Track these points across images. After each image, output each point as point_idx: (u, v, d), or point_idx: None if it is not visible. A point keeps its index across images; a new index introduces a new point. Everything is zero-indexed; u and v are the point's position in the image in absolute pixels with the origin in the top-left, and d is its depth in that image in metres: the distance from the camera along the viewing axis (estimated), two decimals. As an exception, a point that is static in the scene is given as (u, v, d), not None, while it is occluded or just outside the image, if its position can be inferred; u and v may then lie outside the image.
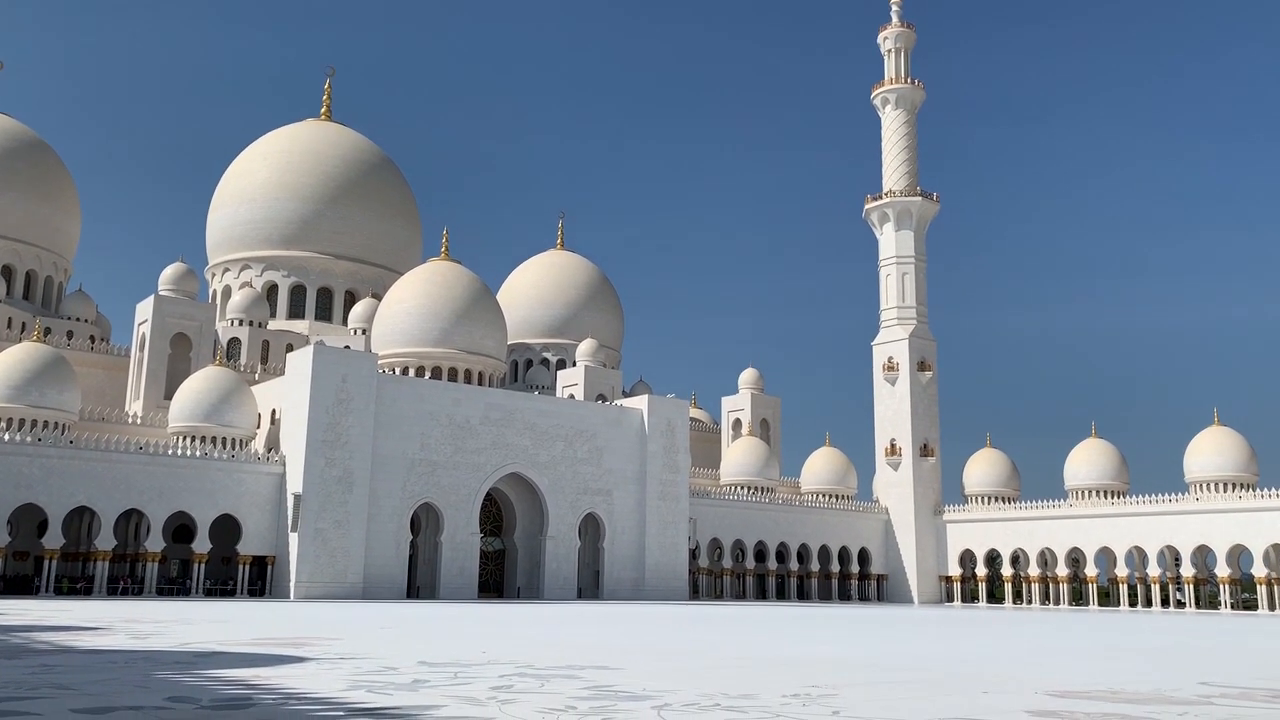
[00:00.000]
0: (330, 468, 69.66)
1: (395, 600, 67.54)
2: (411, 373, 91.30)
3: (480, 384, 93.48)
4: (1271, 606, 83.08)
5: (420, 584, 75.78)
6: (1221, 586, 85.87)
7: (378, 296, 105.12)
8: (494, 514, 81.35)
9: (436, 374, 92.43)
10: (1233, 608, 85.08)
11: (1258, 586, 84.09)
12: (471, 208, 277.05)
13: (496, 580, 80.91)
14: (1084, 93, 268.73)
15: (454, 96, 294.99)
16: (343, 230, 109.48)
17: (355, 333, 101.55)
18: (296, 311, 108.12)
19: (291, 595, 66.80)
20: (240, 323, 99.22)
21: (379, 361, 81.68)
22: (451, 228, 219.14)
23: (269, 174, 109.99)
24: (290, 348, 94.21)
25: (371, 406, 72.05)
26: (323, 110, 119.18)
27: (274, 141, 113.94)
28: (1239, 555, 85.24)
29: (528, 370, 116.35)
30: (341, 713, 11.14)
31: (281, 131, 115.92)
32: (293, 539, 68.22)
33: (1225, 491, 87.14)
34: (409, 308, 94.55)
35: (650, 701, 12.19)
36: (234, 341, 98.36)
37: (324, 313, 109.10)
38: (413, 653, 20.35)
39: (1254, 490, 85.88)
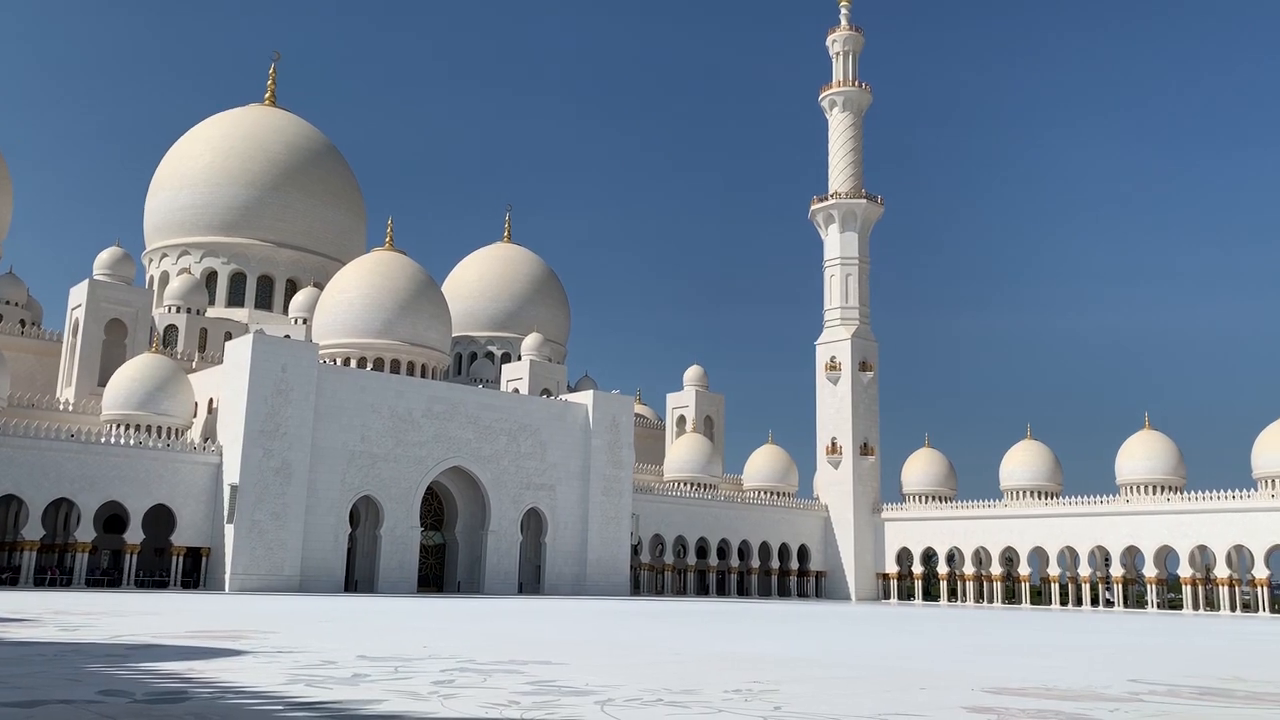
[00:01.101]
0: (268, 459, 68.59)
1: (333, 594, 66.72)
2: (353, 364, 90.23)
3: (423, 376, 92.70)
4: (1196, 606, 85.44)
5: (358, 577, 74.96)
6: (1149, 586, 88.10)
7: (320, 286, 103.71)
8: (435, 508, 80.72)
9: (379, 365, 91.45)
10: (1159, 607, 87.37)
11: (1183, 587, 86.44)
12: (418, 198, 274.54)
13: (436, 574, 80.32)
14: (1027, 99, 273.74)
15: (402, 85, 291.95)
16: (285, 218, 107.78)
17: (296, 322, 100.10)
18: (236, 299, 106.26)
19: (227, 588, 65.69)
20: (178, 309, 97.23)
21: (320, 352, 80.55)
22: (397, 218, 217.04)
23: (211, 158, 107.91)
24: (229, 336, 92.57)
25: (311, 397, 71.06)
26: (267, 95, 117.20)
27: (217, 126, 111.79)
28: (1166, 556, 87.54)
29: (472, 363, 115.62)
30: (280, 707, 10.97)
31: (224, 116, 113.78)
32: (228, 530, 67.08)
33: (1154, 494, 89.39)
34: (352, 298, 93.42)
35: (593, 697, 12.17)
36: (171, 329, 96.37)
37: (264, 301, 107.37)
38: (352, 646, 20.11)
39: (1181, 493, 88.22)
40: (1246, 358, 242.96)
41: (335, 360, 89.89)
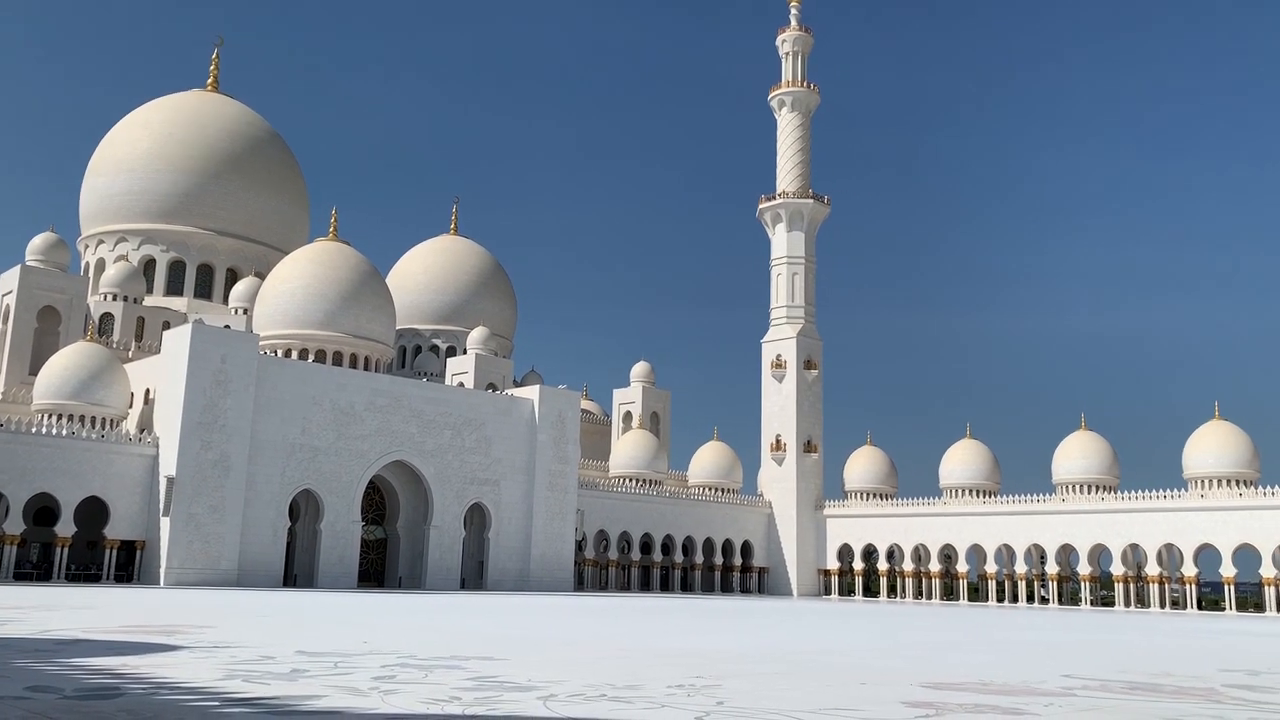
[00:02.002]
0: (206, 451, 67.38)
1: (272, 588, 65.77)
2: (295, 355, 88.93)
3: (366, 369, 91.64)
4: (1127, 603, 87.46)
5: (298, 572, 73.97)
6: (1082, 584, 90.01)
7: (261, 276, 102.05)
8: (377, 502, 79.91)
9: (321, 357, 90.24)
10: (1092, 604, 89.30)
11: (1115, 584, 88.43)
12: (363, 189, 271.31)
13: (377, 569, 79.53)
14: (971, 102, 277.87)
15: (348, 74, 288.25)
16: (226, 206, 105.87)
17: (236, 312, 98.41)
18: (175, 288, 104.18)
19: (162, 582, 64.44)
20: (114, 297, 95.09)
21: (260, 343, 79.31)
22: (341, 208, 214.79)
23: (150, 144, 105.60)
24: (167, 325, 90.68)
25: (251, 389, 69.93)
26: (209, 81, 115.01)
27: (157, 110, 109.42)
28: (1099, 554, 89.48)
29: (416, 357, 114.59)
30: (216, 703, 10.78)
31: (165, 100, 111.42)
32: (164, 523, 65.79)
33: (1089, 494, 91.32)
34: (294, 288, 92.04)
35: (536, 692, 12.14)
36: (107, 317, 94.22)
37: (204, 290, 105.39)
38: (291, 642, 19.83)
39: (1115, 493, 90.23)
40: (1180, 361, 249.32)
41: (276, 351, 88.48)
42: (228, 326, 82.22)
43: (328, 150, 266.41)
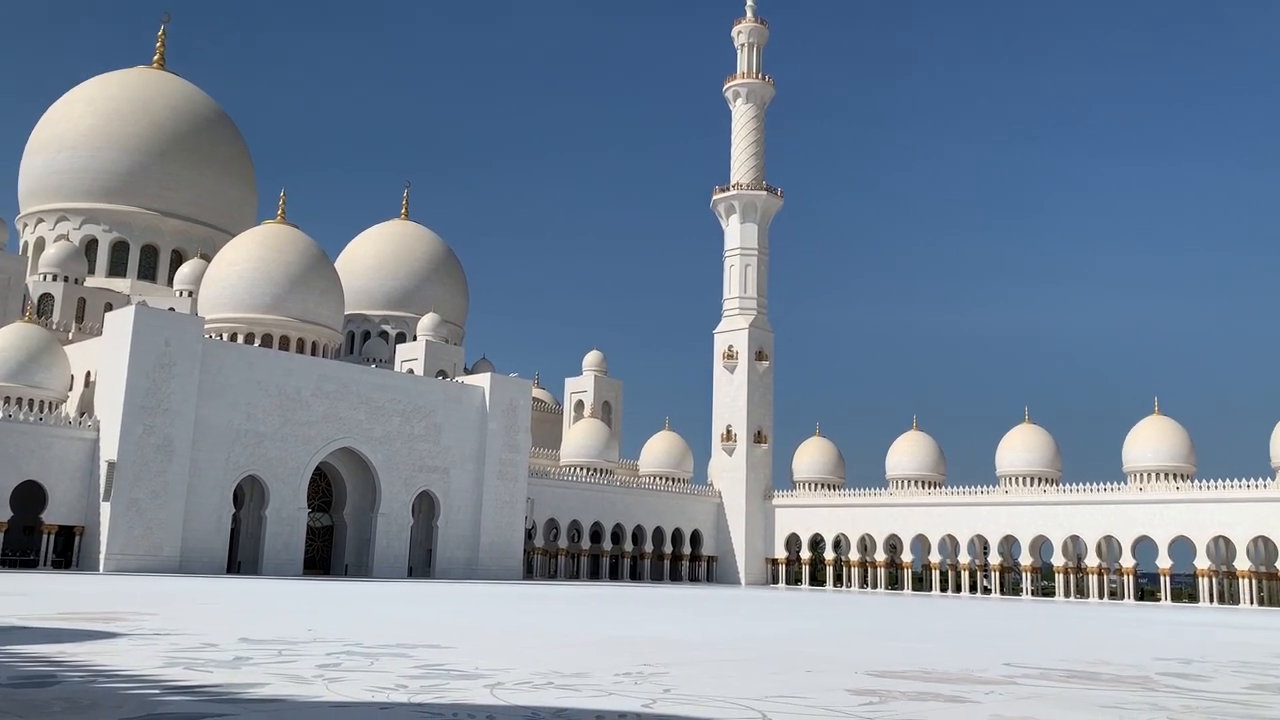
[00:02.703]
0: (149, 435, 66.17)
1: (215, 575, 64.87)
2: (240, 339, 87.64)
3: (314, 354, 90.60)
4: (1067, 594, 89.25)
5: (242, 559, 73.02)
6: (1024, 574, 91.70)
7: (207, 258, 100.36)
8: (323, 489, 79.07)
9: (267, 342, 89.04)
10: (1033, 594, 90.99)
11: (1056, 575, 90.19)
12: (312, 172, 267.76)
13: (323, 557, 78.75)
14: (924, 98, 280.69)
15: (298, 55, 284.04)
16: (171, 186, 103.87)
17: (181, 294, 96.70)
18: (118, 269, 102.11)
19: (101, 568, 63.25)
20: (54, 278, 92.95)
21: (206, 326, 78.02)
22: (290, 191, 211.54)
23: (93, 121, 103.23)
24: (110, 307, 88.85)
25: (196, 373, 68.77)
26: (155, 58, 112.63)
27: (100, 87, 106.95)
28: (1040, 545, 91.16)
29: (365, 342, 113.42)
30: (157, 690, 10.60)
31: (109, 77, 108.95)
32: (104, 509, 64.54)
33: (1032, 486, 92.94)
34: (240, 271, 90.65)
35: (483, 680, 12.10)
36: (46, 297, 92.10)
37: (148, 272, 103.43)
38: (234, 629, 19.57)
39: (1057, 485, 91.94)
40: (1121, 357, 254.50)
41: (222, 335, 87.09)
42: (172, 309, 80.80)
43: (277, 132, 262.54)
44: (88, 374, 72.16)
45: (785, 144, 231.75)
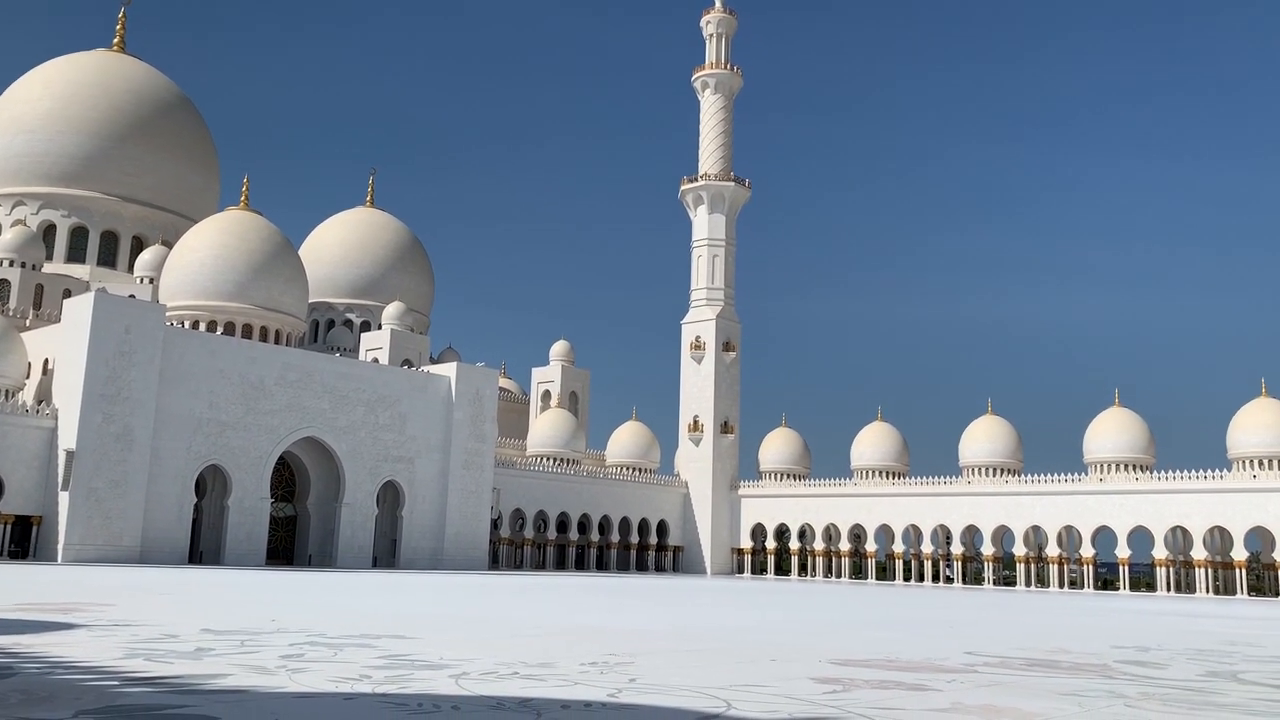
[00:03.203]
0: (108, 424, 65.26)
1: (176, 566, 64.18)
2: (203, 327, 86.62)
3: (278, 342, 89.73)
4: (1028, 583, 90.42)
5: (204, 549, 72.30)
6: (986, 564, 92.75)
7: (168, 244, 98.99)
8: (287, 478, 78.42)
9: (230, 330, 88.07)
10: (994, 584, 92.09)
11: (1017, 565, 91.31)
12: (276, 158, 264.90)
13: (287, 547, 78.14)
14: (891, 91, 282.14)
15: (263, 39, 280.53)
16: (132, 171, 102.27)
17: (142, 281, 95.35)
18: (77, 255, 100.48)
19: (60, 559, 62.35)
20: (11, 263, 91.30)
21: (167, 313, 76.98)
22: (253, 177, 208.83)
23: (51, 104, 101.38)
24: (68, 293, 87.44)
25: (157, 361, 67.88)
26: (115, 41, 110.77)
27: (58, 69, 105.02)
28: (1002, 535, 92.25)
29: (329, 331, 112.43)
30: (116, 682, 10.47)
31: (68, 59, 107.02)
32: (63, 498, 63.61)
33: (994, 476, 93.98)
34: (202, 258, 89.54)
35: (448, 670, 12.06)
36: (3, 283, 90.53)
37: (108, 258, 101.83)
38: (196, 620, 19.38)
39: (1019, 476, 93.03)
40: (1083, 349, 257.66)
41: (183, 323, 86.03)
42: (132, 296, 79.65)
43: (240, 117, 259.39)
44: (45, 361, 71.01)
45: (753, 135, 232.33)
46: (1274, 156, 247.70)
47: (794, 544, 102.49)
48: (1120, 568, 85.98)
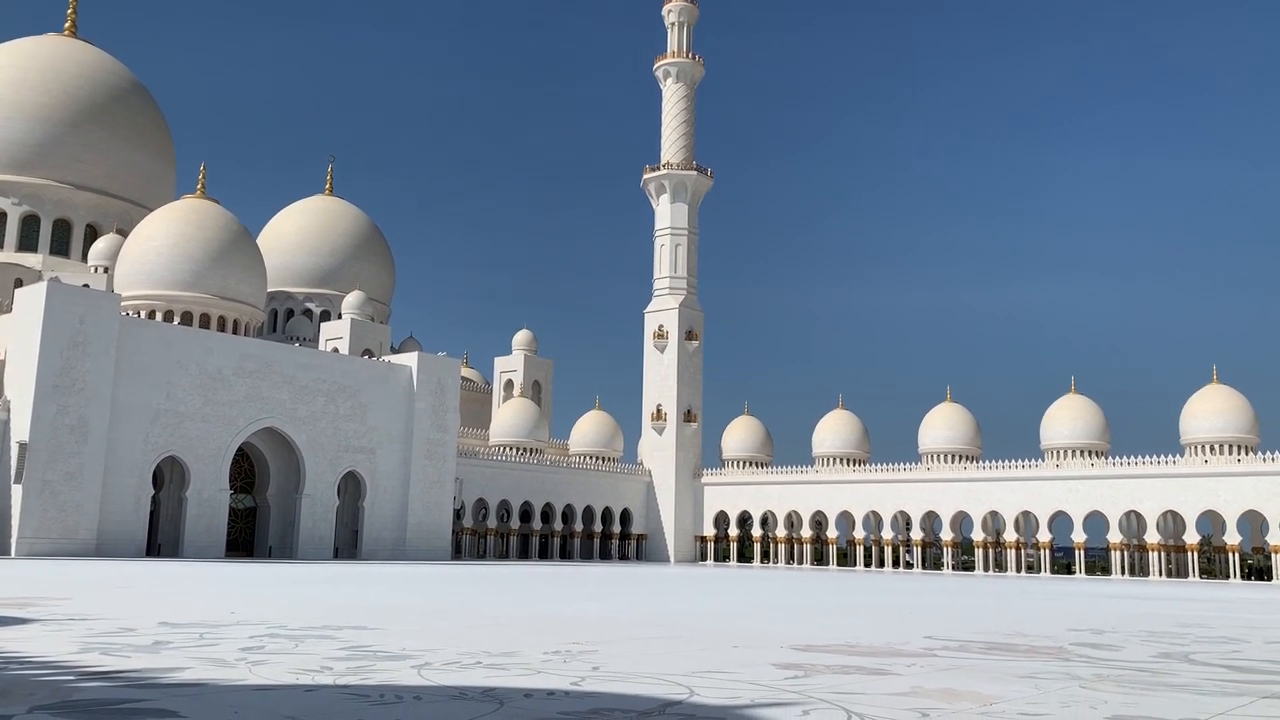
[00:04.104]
0: (62, 415, 64.19)
1: (134, 559, 63.35)
2: (159, 317, 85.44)
3: (236, 332, 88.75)
4: (986, 568, 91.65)
5: (162, 541, 71.43)
6: (945, 549, 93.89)
7: (123, 233, 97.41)
8: (246, 470, 77.62)
9: (187, 319, 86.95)
10: (953, 569, 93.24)
11: (976, 550, 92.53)
12: (234, 146, 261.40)
13: (247, 539, 77.40)
14: (854, 80, 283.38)
15: (219, 24, 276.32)
16: (85, 158, 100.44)
17: (96, 270, 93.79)
18: (28, 244, 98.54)
19: (13, 552, 61.31)
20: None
21: (123, 303, 75.80)
22: (210, 165, 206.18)
23: (1, 89, 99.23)
24: (20, 283, 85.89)
25: (112, 351, 66.83)
26: (67, 25, 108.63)
27: (7, 54, 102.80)
28: (961, 521, 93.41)
29: (289, 320, 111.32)
30: (71, 677, 10.32)
31: (17, 44, 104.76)
32: (16, 491, 62.52)
33: (953, 463, 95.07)
34: (158, 246, 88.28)
35: (410, 661, 12.02)
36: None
37: (60, 247, 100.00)
38: (153, 613, 19.15)
39: (978, 462, 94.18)
40: (1039, 336, 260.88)
41: (139, 313, 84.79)
42: (86, 285, 78.44)
43: (196, 104, 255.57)
44: (-3, 352, 69.65)
45: (715, 123, 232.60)
46: (1226, 147, 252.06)
47: (756, 531, 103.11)
48: (1076, 552, 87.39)
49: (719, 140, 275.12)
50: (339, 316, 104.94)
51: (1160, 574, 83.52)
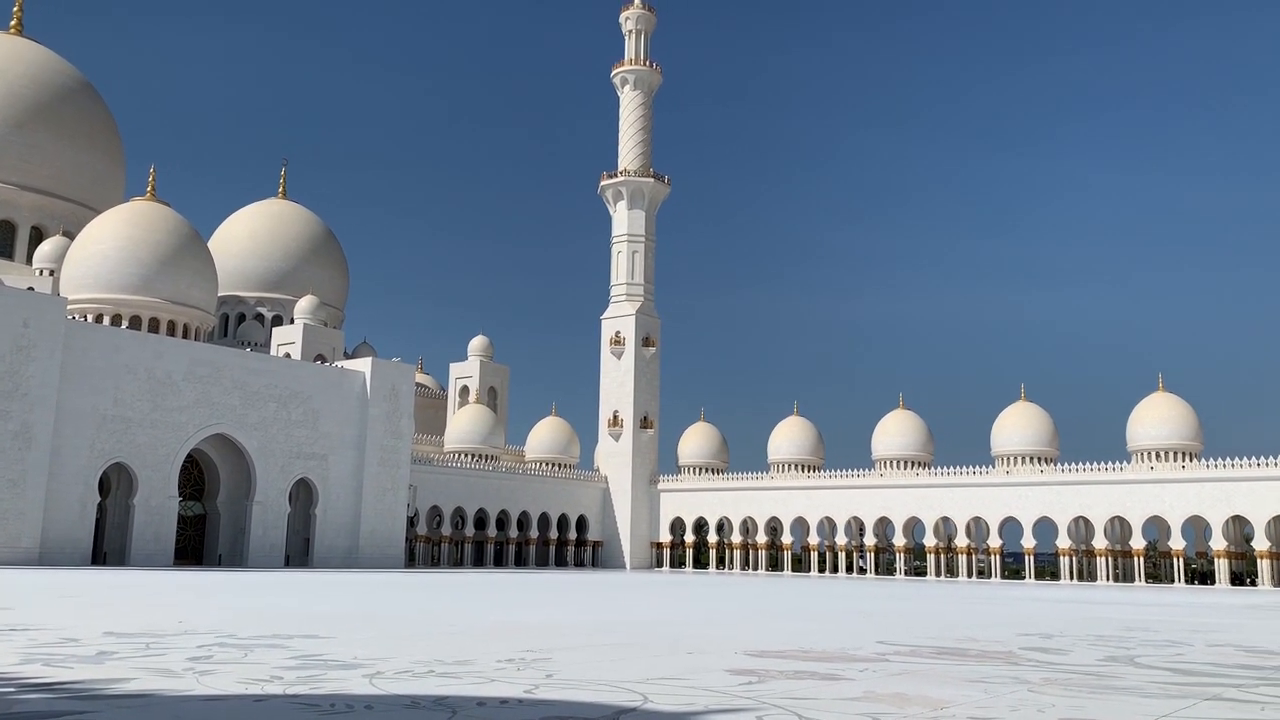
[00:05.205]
0: (5, 421, 62.79)
1: (79, 567, 62.07)
2: (107, 320, 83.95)
3: (185, 337, 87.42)
4: (938, 573, 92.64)
5: (108, 550, 70.10)
6: (897, 555, 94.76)
7: (70, 235, 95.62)
8: (195, 476, 76.43)
9: (136, 324, 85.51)
10: (906, 574, 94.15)
11: (927, 555, 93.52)
12: (185, 148, 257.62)
13: (196, 547, 76.19)
14: (809, 88, 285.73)
15: (170, 23, 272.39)
16: (31, 159, 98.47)
17: (41, 273, 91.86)
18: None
19: (-49, 562, 59.83)
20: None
21: (69, 307, 74.41)
22: (161, 167, 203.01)
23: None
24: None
25: (57, 355, 65.52)
26: (13, 23, 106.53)
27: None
28: (913, 527, 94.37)
29: (240, 325, 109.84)
30: (11, 689, 10.09)
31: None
32: (-45, 499, 60.99)
33: (906, 469, 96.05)
34: (106, 249, 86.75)
35: (362, 670, 11.89)
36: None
37: (4, 249, 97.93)
38: (98, 623, 18.78)
39: (929, 469, 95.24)
40: (989, 343, 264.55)
41: (86, 316, 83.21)
42: (31, 289, 76.79)
43: (147, 105, 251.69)
44: (-63, 356, 67.99)
45: (673, 131, 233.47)
46: (1168, 159, 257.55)
47: (712, 537, 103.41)
48: (1026, 557, 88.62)
49: (677, 147, 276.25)
50: (291, 321, 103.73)
51: (1107, 579, 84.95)
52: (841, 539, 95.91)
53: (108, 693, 9.89)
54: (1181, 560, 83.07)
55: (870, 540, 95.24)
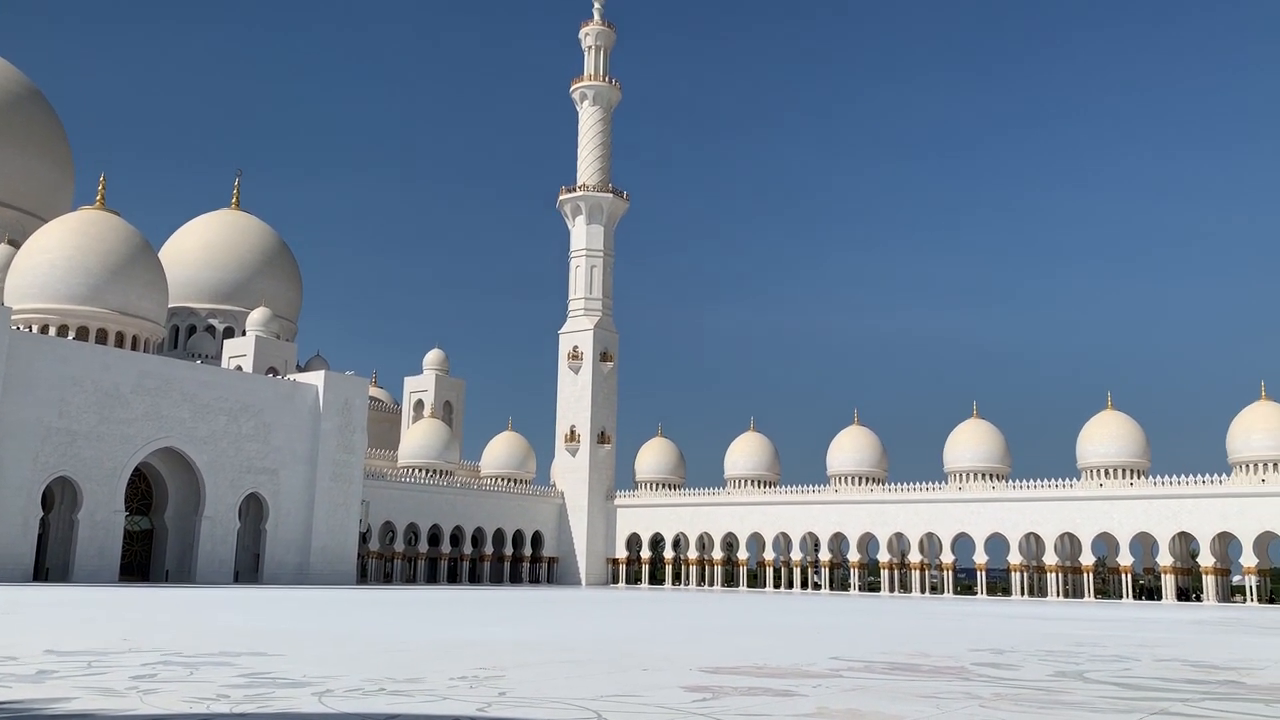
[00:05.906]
0: (-55, 433, 61.27)
1: (19, 583, 60.60)
2: (53, 331, 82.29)
3: (135, 349, 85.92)
4: (892, 589, 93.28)
5: (51, 565, 68.55)
6: (852, 570, 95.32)
7: (15, 244, 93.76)
8: (143, 490, 75.05)
9: (83, 335, 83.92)
10: (860, 589, 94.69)
11: (881, 571, 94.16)
12: (136, 157, 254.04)
13: (142, 562, 74.76)
14: (770, 103, 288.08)
15: (122, 30, 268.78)
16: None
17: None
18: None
19: (-114, 578, 58.18)
20: None
21: (13, 317, 72.85)
22: (111, 175, 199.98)
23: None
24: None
25: (1, 367, 64.10)
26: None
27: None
28: (868, 543, 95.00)
29: (190, 337, 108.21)
30: (-55, 710, 9.80)
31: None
32: (-109, 513, 59.37)
33: (860, 485, 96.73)
34: (54, 259, 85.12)
35: (311, 688, 11.70)
36: None
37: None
38: (39, 641, 18.32)
39: (884, 485, 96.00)
40: (942, 361, 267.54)
41: (31, 327, 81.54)
42: (-26, 298, 75.15)
43: (97, 113, 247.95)
44: (-126, 366, 66.28)
45: (631, 146, 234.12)
46: (1123, 179, 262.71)
47: (669, 553, 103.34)
48: (978, 573, 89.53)
49: (635, 163, 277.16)
50: (243, 333, 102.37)
51: (1058, 594, 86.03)
52: (796, 555, 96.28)
53: (47, 713, 9.64)
54: (1129, 576, 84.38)
55: (825, 556, 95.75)
